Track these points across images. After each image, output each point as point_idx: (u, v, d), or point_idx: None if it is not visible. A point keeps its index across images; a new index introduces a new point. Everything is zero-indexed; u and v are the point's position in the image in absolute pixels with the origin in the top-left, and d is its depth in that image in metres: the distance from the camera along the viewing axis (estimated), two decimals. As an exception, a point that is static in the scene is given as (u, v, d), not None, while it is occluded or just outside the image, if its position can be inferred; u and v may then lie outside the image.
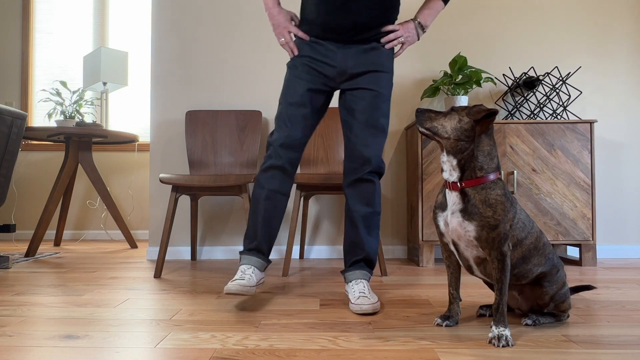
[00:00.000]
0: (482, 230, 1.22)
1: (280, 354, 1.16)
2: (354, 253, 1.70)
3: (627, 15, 2.90)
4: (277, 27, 1.73)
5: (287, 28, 1.72)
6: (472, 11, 2.91)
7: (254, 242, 1.71)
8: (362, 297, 1.56)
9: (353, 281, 1.67)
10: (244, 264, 1.68)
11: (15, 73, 4.19)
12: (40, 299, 1.76)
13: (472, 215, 1.23)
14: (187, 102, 2.88)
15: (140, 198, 4.14)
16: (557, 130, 2.52)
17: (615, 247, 2.85)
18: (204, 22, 2.89)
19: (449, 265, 1.40)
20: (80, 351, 1.18)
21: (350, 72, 1.68)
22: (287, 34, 1.73)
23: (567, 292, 1.38)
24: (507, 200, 1.24)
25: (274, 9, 1.74)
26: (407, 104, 2.90)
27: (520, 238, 1.28)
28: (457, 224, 1.25)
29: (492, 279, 1.32)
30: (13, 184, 4.14)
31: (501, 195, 1.23)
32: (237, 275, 1.62)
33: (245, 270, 1.64)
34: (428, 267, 2.49)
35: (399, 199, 2.88)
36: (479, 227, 1.22)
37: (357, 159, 1.68)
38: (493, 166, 1.25)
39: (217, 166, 2.72)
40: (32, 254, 2.88)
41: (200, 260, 2.80)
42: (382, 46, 1.70)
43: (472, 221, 1.23)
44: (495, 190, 1.23)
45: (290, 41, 1.73)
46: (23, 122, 2.53)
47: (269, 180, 1.70)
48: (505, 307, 1.23)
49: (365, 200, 1.69)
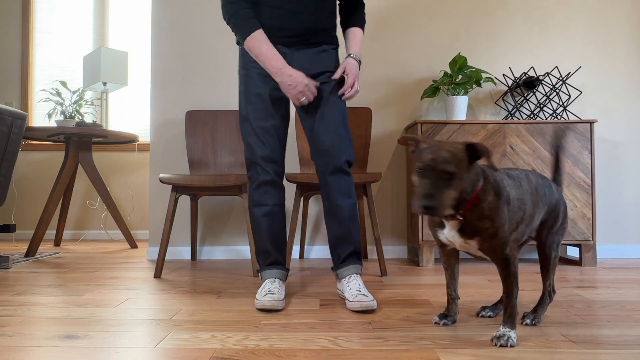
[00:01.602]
0: (484, 242, 1.20)
1: (280, 354, 1.16)
2: (344, 248, 1.70)
3: (627, 16, 2.90)
4: (300, 86, 1.62)
5: (310, 84, 1.64)
6: (472, 11, 2.91)
7: (270, 258, 1.73)
8: (359, 295, 1.57)
9: (347, 277, 1.68)
10: (267, 278, 1.70)
11: (15, 73, 4.19)
12: (40, 299, 1.76)
13: (472, 234, 1.19)
14: (187, 102, 2.88)
15: (140, 198, 4.14)
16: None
17: (615, 247, 2.85)
18: (204, 22, 2.89)
19: (447, 267, 1.40)
20: (80, 351, 1.18)
21: (309, 72, 1.71)
22: (312, 90, 1.65)
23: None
24: (498, 199, 1.18)
25: (284, 68, 1.62)
26: (407, 104, 2.90)
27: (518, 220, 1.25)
28: (462, 241, 1.23)
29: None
30: (13, 184, 4.14)
31: (493, 199, 1.17)
32: (264, 289, 1.63)
33: (272, 284, 1.66)
34: (428, 267, 2.49)
35: (399, 199, 2.88)
36: (481, 240, 1.19)
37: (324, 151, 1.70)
38: (479, 178, 1.17)
39: (217, 166, 2.72)
40: (32, 254, 2.88)
41: (200, 260, 2.80)
42: (332, 49, 1.78)
43: (473, 237, 1.20)
44: (486, 197, 1.17)
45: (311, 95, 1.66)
46: (23, 122, 2.53)
47: (264, 197, 1.71)
48: (514, 311, 1.21)
49: (334, 192, 1.68)
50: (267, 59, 1.62)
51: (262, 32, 1.63)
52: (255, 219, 1.73)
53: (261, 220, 1.72)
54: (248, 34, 1.62)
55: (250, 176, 1.73)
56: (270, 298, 1.57)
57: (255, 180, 1.71)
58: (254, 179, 1.71)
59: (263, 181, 1.70)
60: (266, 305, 1.55)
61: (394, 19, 2.91)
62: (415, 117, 2.89)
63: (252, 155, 1.70)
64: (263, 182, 1.70)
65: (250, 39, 1.63)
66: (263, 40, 1.62)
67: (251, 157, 1.70)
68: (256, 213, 1.72)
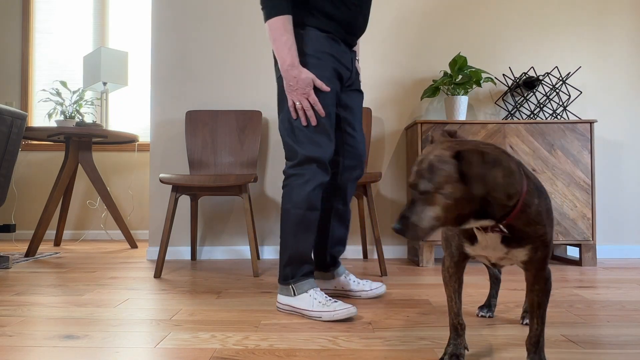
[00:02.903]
0: (537, 252, 0.95)
1: (280, 354, 1.16)
2: (340, 250, 1.77)
3: (627, 15, 2.90)
4: (301, 89, 1.48)
5: (311, 92, 1.49)
6: (472, 11, 2.91)
7: (308, 267, 1.56)
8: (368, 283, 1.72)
9: (345, 273, 1.78)
10: (310, 288, 1.51)
11: (15, 73, 4.19)
12: (40, 299, 1.76)
13: (521, 241, 0.94)
14: (187, 102, 2.88)
15: (140, 198, 4.14)
16: (557, 130, 2.52)
17: (615, 247, 2.85)
18: (204, 22, 2.89)
19: (456, 290, 1.08)
20: (80, 351, 1.18)
21: (353, 77, 1.69)
22: (310, 99, 1.50)
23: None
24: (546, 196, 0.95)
25: (294, 66, 1.47)
26: (407, 104, 2.90)
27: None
28: (503, 254, 0.97)
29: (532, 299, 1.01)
30: (13, 184, 4.14)
31: (542, 200, 0.93)
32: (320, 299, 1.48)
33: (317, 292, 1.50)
34: (428, 267, 2.49)
35: (399, 199, 2.88)
36: (532, 250, 0.94)
37: (358, 157, 1.71)
38: (519, 179, 0.88)
39: (217, 166, 2.72)
40: (32, 254, 2.88)
41: (200, 260, 2.80)
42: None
43: (523, 247, 0.94)
44: (534, 200, 0.91)
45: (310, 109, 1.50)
46: (23, 122, 2.53)
47: (318, 200, 1.54)
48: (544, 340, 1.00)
49: (349, 198, 1.76)
50: (283, 48, 1.46)
51: (291, 20, 1.48)
52: (308, 222, 1.53)
53: (313, 225, 1.54)
54: (278, 14, 1.46)
55: (303, 173, 1.52)
56: (341, 307, 1.44)
57: (313, 179, 1.51)
58: (311, 178, 1.51)
59: (322, 182, 1.53)
60: (347, 314, 1.43)
61: (394, 19, 2.91)
62: (415, 117, 2.89)
63: (316, 151, 1.51)
64: (322, 183, 1.53)
65: (277, 19, 1.46)
66: (288, 29, 1.47)
67: (315, 154, 1.51)
68: (309, 217, 1.52)
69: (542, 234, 0.93)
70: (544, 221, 0.92)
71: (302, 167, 1.52)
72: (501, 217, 0.88)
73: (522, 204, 0.89)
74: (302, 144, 1.51)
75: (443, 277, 1.10)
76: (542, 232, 0.92)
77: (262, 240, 2.87)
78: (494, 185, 0.83)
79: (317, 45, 1.52)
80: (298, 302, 1.50)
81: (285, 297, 1.54)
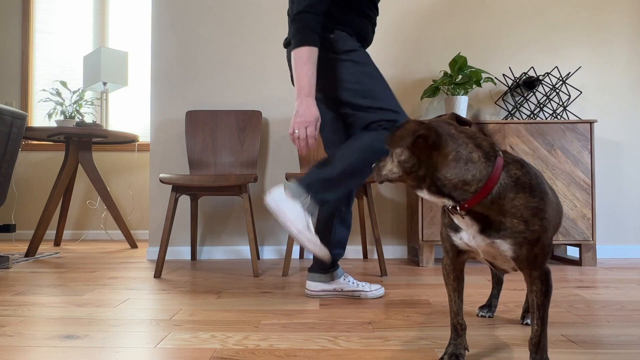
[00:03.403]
0: (521, 248, 0.94)
1: (280, 354, 1.16)
2: (340, 253, 1.80)
3: (627, 15, 2.90)
4: (305, 118, 1.51)
5: (311, 125, 1.51)
6: (472, 11, 2.91)
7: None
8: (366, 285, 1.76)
9: (344, 274, 1.80)
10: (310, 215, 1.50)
11: (15, 73, 4.19)
12: (40, 299, 1.76)
13: (500, 232, 0.95)
14: (187, 102, 2.88)
15: (140, 198, 4.14)
16: (557, 130, 2.52)
17: (615, 247, 2.85)
18: (204, 22, 2.89)
19: (456, 288, 1.10)
20: (80, 351, 1.18)
21: None
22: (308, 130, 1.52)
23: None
24: (534, 196, 0.94)
25: (309, 97, 1.52)
26: (407, 104, 2.90)
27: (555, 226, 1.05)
28: (487, 246, 0.98)
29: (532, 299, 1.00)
30: (13, 184, 4.14)
31: (522, 196, 0.94)
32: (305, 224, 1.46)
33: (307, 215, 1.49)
34: (428, 267, 2.49)
35: (399, 199, 2.88)
36: (516, 245, 0.94)
37: None
38: (479, 168, 0.93)
39: (217, 166, 2.72)
40: (32, 254, 2.88)
41: (200, 260, 2.80)
42: None
43: (505, 239, 0.95)
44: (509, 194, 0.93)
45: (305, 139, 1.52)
46: (23, 122, 2.53)
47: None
48: (546, 340, 0.99)
49: (352, 201, 1.81)
50: (304, 77, 1.51)
51: (317, 52, 1.53)
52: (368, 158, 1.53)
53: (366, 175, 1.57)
54: (306, 45, 1.51)
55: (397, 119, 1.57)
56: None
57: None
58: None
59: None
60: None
61: (394, 20, 2.91)
62: (415, 117, 2.89)
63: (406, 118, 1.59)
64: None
65: (304, 50, 1.50)
66: (312, 60, 1.52)
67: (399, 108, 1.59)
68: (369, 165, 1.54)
69: (521, 230, 0.93)
70: (526, 218, 0.93)
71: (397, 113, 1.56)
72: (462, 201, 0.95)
73: (486, 193, 0.93)
74: (400, 113, 1.56)
75: (443, 275, 1.11)
76: (522, 229, 0.93)
77: (262, 240, 2.87)
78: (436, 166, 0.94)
79: (353, 41, 1.63)
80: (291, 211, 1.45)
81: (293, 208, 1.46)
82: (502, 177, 0.94)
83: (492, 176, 0.92)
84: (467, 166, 0.93)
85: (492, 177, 0.92)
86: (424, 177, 0.95)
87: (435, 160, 0.93)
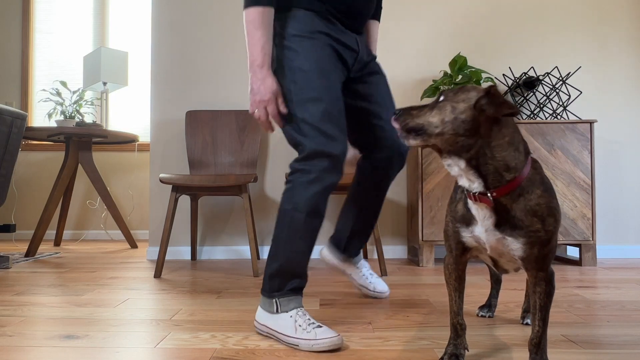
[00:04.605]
0: (533, 248, 0.93)
1: (280, 354, 1.16)
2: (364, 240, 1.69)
3: (627, 15, 2.90)
4: (261, 96, 1.30)
5: (271, 103, 1.30)
6: (473, 11, 2.91)
7: (298, 282, 1.31)
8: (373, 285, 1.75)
9: (362, 261, 1.76)
10: (295, 308, 1.27)
11: (15, 73, 4.19)
12: (40, 299, 1.76)
13: (515, 230, 0.93)
14: (187, 102, 2.88)
15: (140, 198, 4.14)
16: (557, 130, 2.52)
17: (615, 247, 2.85)
18: (204, 22, 2.89)
19: (456, 288, 1.07)
20: (80, 351, 1.18)
21: (364, 60, 1.51)
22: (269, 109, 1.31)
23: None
24: (553, 197, 0.95)
25: (263, 69, 1.29)
26: (407, 104, 2.90)
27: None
28: (497, 242, 0.96)
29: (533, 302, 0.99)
30: (13, 184, 4.14)
31: (546, 195, 0.93)
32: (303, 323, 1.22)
33: (305, 316, 1.25)
34: (428, 267, 2.49)
35: (399, 199, 2.88)
36: (528, 244, 0.93)
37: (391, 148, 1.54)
38: (521, 158, 0.92)
39: (217, 166, 2.72)
40: (32, 254, 2.88)
41: (200, 260, 2.80)
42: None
43: (517, 238, 0.93)
44: (536, 191, 0.93)
45: (266, 120, 1.33)
46: (23, 122, 2.53)
47: (324, 205, 1.30)
48: (546, 341, 0.98)
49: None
50: (256, 44, 1.29)
51: (272, 13, 1.31)
52: (305, 231, 1.28)
53: (314, 234, 1.30)
54: (257, 4, 1.28)
55: (310, 170, 1.27)
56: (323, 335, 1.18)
57: (321, 179, 1.27)
58: (319, 177, 1.27)
59: (334, 183, 1.29)
60: (329, 345, 1.17)
61: (394, 19, 2.91)
62: (415, 117, 2.89)
63: (328, 145, 1.27)
64: (333, 184, 1.29)
65: (254, 10, 1.28)
66: (265, 23, 1.29)
67: (327, 148, 1.26)
68: (310, 224, 1.28)
69: (537, 229, 0.92)
70: (543, 216, 0.93)
71: (310, 162, 1.27)
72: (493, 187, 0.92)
73: (518, 183, 0.92)
74: (307, 137, 1.27)
75: (444, 275, 1.10)
76: (538, 228, 0.92)
77: (262, 240, 2.87)
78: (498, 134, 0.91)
79: (308, 24, 1.33)
80: (277, 323, 1.25)
81: (265, 314, 1.30)
82: (530, 172, 0.94)
83: (525, 169, 0.92)
84: (514, 153, 0.92)
85: (525, 170, 0.92)
86: (470, 147, 0.91)
87: (493, 136, 0.91)
